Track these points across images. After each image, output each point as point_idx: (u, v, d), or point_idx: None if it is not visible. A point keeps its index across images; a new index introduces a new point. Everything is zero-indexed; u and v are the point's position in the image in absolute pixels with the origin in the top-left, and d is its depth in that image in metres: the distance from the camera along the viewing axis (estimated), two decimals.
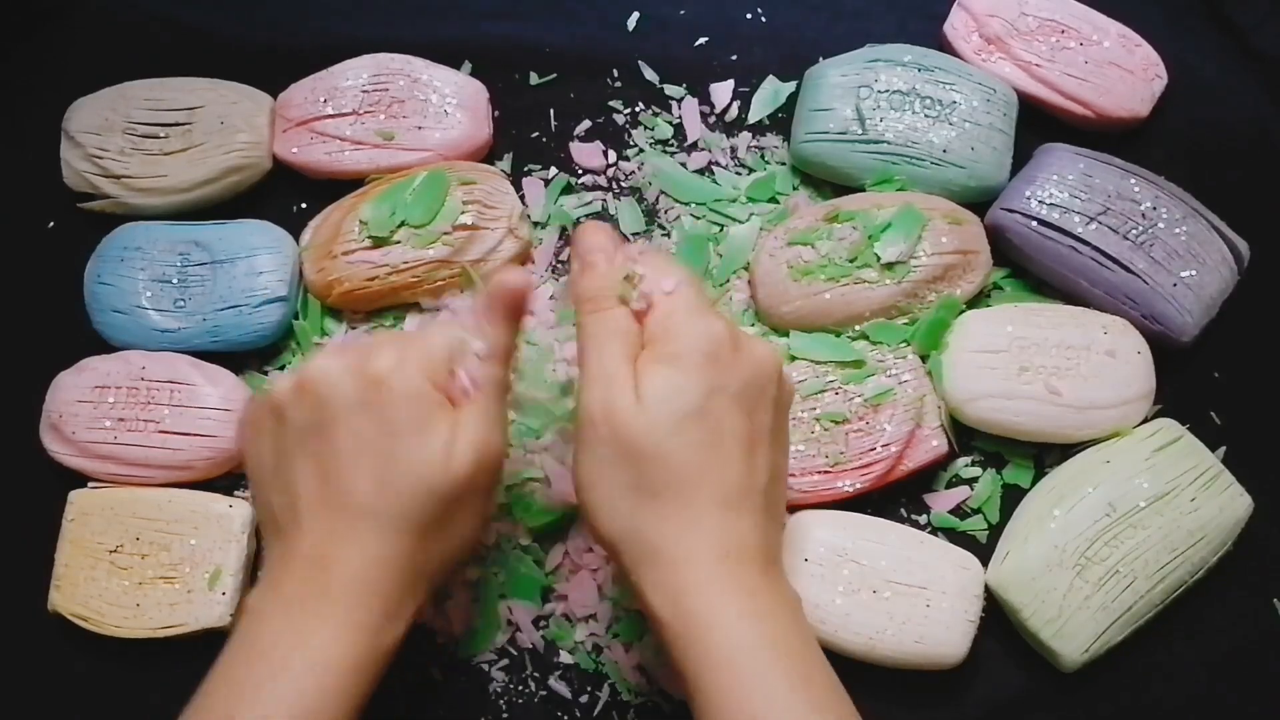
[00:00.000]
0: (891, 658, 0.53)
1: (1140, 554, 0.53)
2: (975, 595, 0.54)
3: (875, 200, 0.60)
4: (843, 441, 0.56)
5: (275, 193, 0.65)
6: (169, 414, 0.58)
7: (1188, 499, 0.54)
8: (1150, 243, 0.58)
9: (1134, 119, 0.63)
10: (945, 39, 0.65)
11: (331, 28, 0.68)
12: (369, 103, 0.63)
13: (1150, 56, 0.64)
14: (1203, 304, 0.58)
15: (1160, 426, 0.57)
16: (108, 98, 0.64)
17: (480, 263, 0.59)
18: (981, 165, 0.61)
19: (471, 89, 0.64)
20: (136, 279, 0.60)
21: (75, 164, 0.63)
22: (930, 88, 0.61)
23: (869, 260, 0.58)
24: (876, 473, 0.56)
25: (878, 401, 0.56)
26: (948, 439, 0.57)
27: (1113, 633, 0.53)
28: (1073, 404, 0.56)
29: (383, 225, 0.59)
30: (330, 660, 0.42)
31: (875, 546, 0.54)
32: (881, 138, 0.61)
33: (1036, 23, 0.64)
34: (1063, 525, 0.54)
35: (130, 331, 0.60)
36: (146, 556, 0.56)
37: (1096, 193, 0.59)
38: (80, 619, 0.56)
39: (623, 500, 0.43)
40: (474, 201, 0.60)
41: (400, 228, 0.59)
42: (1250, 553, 0.56)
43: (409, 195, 0.59)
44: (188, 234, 0.61)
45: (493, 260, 0.60)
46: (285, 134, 0.63)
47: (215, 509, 0.57)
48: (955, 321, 0.59)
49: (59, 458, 0.59)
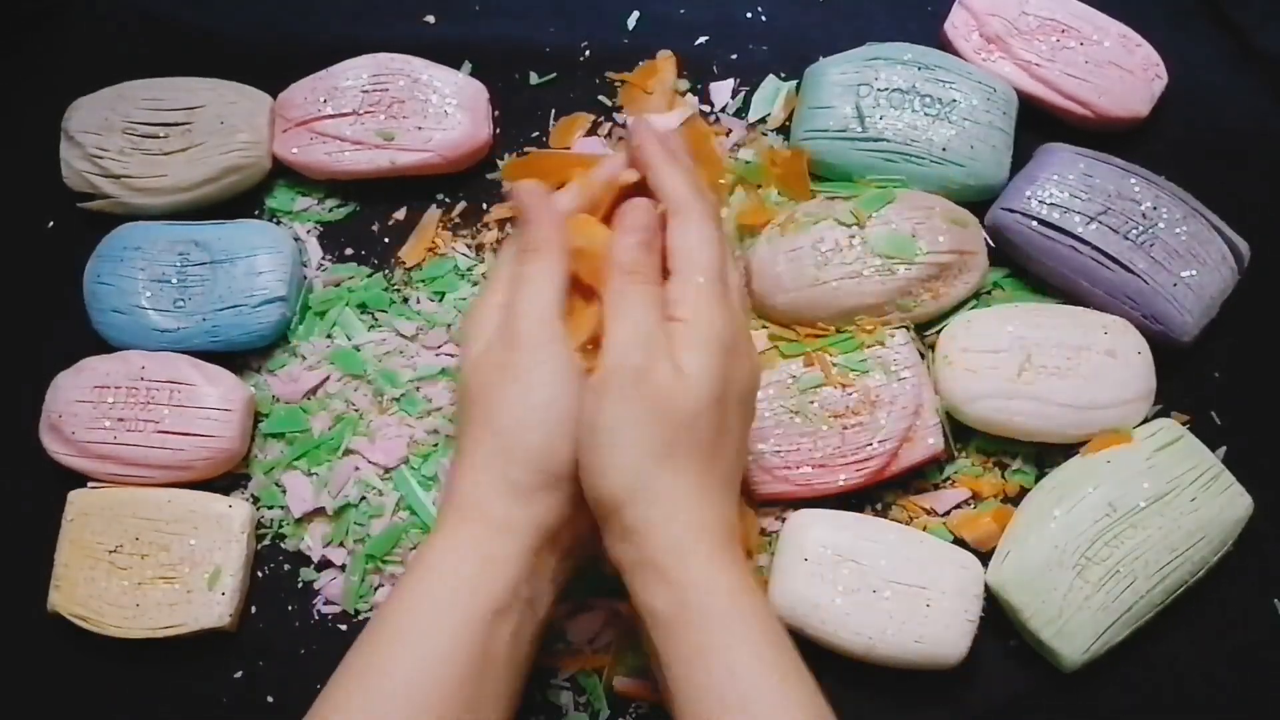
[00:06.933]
0: (891, 658, 0.53)
1: (1141, 554, 0.53)
2: (975, 595, 0.54)
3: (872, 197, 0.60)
4: (839, 436, 0.56)
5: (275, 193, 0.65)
6: (168, 414, 0.58)
7: (1188, 499, 0.54)
8: (1150, 243, 0.58)
9: (1134, 119, 0.63)
10: (945, 37, 0.65)
11: (331, 28, 0.68)
12: (369, 103, 0.63)
13: (1150, 56, 0.64)
14: (1203, 304, 0.58)
15: (1160, 426, 0.57)
16: (107, 98, 0.64)
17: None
18: (981, 164, 0.61)
19: (471, 89, 0.64)
20: (136, 279, 0.60)
21: (75, 164, 0.63)
22: (930, 86, 0.61)
23: (864, 255, 0.58)
24: (872, 468, 0.56)
25: (875, 396, 0.56)
26: (945, 437, 0.57)
27: (1113, 633, 0.53)
28: (1073, 404, 0.56)
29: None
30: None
31: (875, 546, 0.54)
32: (881, 136, 0.61)
33: (1037, 22, 0.64)
34: (1063, 525, 0.54)
35: (130, 331, 0.60)
36: (146, 556, 0.56)
37: (1097, 192, 0.59)
38: (80, 619, 0.56)
39: (645, 458, 0.43)
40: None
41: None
42: (1250, 553, 0.56)
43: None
44: (187, 234, 0.61)
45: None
46: (285, 134, 0.63)
47: (215, 509, 0.57)
48: (955, 321, 0.59)
49: (58, 458, 0.59)
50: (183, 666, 0.57)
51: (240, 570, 0.56)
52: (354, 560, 0.58)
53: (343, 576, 0.58)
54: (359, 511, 0.58)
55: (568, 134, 0.65)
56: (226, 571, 0.56)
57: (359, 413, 0.60)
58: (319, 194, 0.65)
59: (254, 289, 0.60)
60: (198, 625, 0.55)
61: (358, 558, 0.58)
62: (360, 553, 0.58)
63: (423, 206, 0.64)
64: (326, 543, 0.58)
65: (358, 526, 0.58)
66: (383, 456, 0.59)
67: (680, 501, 0.44)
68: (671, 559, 0.43)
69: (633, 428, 0.43)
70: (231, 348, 0.60)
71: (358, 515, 0.58)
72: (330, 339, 0.62)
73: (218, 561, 0.56)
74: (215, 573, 0.56)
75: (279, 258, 0.60)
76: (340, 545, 0.58)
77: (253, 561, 0.58)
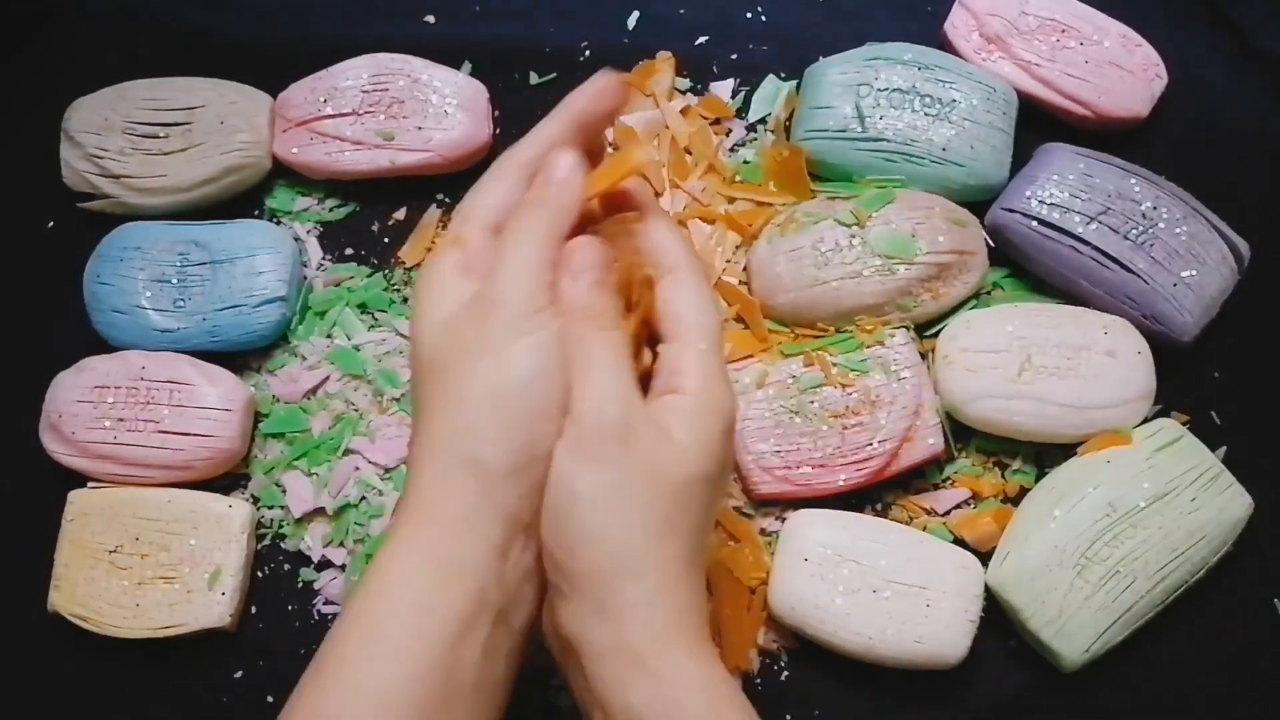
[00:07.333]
0: (891, 658, 0.53)
1: (1141, 554, 0.53)
2: (975, 595, 0.54)
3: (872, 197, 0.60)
4: (839, 436, 0.56)
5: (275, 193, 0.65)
6: (168, 414, 0.58)
7: (1188, 499, 0.54)
8: (1150, 242, 0.58)
9: (1134, 119, 0.63)
10: (945, 37, 0.65)
11: (331, 28, 0.68)
12: (369, 103, 0.63)
13: (1150, 56, 0.64)
14: (1203, 304, 0.58)
15: (1160, 426, 0.57)
16: (107, 98, 0.64)
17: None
18: (981, 164, 0.61)
19: (471, 89, 0.64)
20: (136, 279, 0.60)
21: (75, 164, 0.63)
22: (930, 86, 0.61)
23: (864, 255, 0.58)
24: (872, 468, 0.56)
25: (875, 396, 0.56)
26: (945, 437, 0.57)
27: (1113, 633, 0.53)
28: (1073, 404, 0.56)
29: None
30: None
31: (875, 546, 0.54)
32: (881, 136, 0.61)
33: (1037, 22, 0.64)
34: (1063, 525, 0.54)
35: (130, 331, 0.60)
36: (146, 556, 0.56)
37: (1097, 192, 0.59)
38: (80, 619, 0.56)
39: (636, 531, 0.38)
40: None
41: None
42: (1250, 553, 0.56)
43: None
44: (187, 234, 0.61)
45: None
46: (285, 134, 0.63)
47: (215, 509, 0.57)
48: (955, 321, 0.59)
49: (58, 458, 0.59)
50: (183, 666, 0.57)
51: (240, 570, 0.56)
52: (354, 560, 0.58)
53: (343, 577, 0.58)
54: (359, 511, 0.58)
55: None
56: (226, 572, 0.56)
57: (359, 413, 0.60)
58: (319, 194, 0.65)
59: (254, 289, 0.60)
60: (198, 625, 0.55)
61: (358, 558, 0.58)
62: (360, 553, 0.58)
63: (423, 206, 0.64)
64: (326, 543, 0.58)
65: (358, 526, 0.58)
66: (383, 456, 0.59)
67: (670, 583, 0.39)
68: (656, 647, 0.38)
69: (622, 495, 0.38)
70: (231, 348, 0.60)
71: (358, 515, 0.58)
72: (330, 339, 0.62)
73: (218, 561, 0.56)
74: (215, 573, 0.56)
75: (279, 258, 0.60)
76: (340, 545, 0.58)
77: (253, 561, 0.58)
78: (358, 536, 0.58)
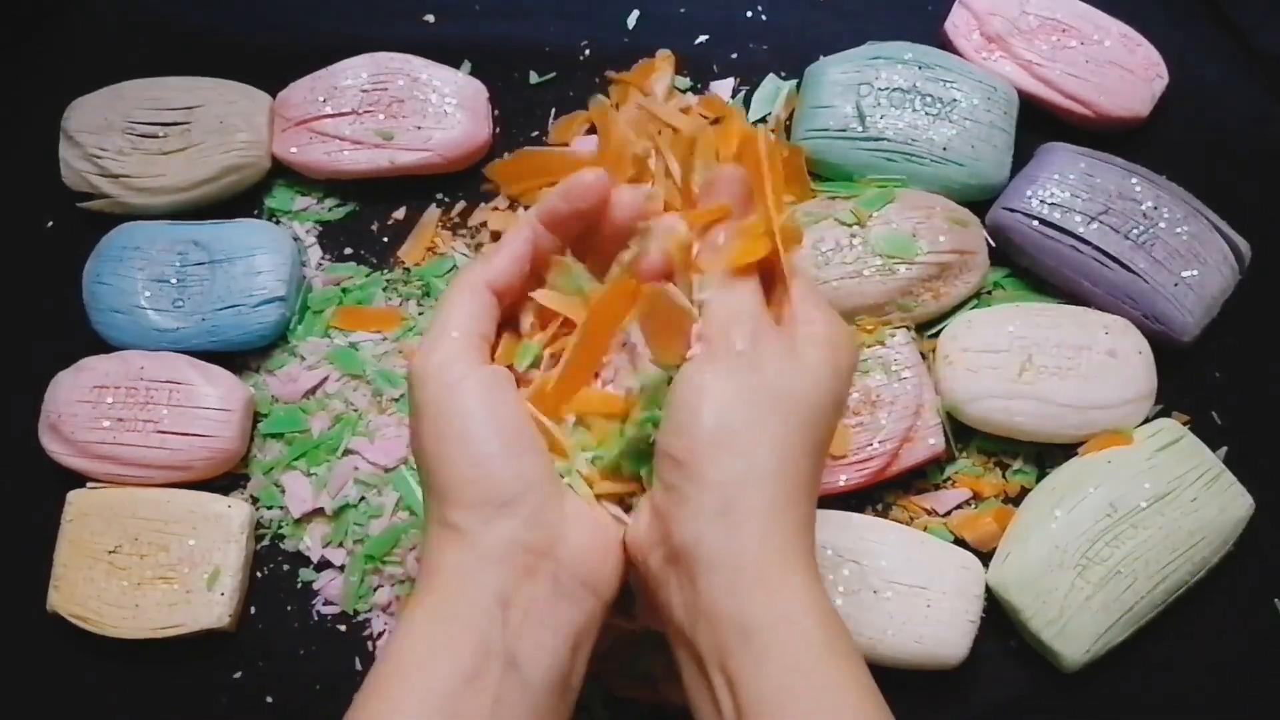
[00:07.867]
0: (892, 658, 0.53)
1: (1141, 554, 0.53)
2: (976, 595, 0.54)
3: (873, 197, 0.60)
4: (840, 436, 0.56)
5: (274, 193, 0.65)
6: (168, 414, 0.58)
7: (1189, 499, 0.54)
8: (1151, 242, 0.58)
9: (1134, 119, 0.63)
10: (946, 37, 0.65)
11: (331, 27, 0.68)
12: (368, 102, 0.63)
13: (1151, 56, 0.64)
14: (1204, 304, 0.58)
15: (1161, 426, 0.57)
16: (106, 98, 0.64)
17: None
18: (981, 163, 0.61)
19: (471, 89, 0.64)
20: (135, 279, 0.60)
21: (74, 163, 0.63)
22: (931, 85, 0.61)
23: (865, 255, 0.58)
24: (873, 468, 0.56)
25: (876, 396, 0.56)
26: (945, 437, 0.57)
27: (1114, 633, 0.53)
28: (1073, 404, 0.56)
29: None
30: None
31: (875, 546, 0.54)
32: (881, 135, 0.61)
33: (1038, 21, 0.64)
34: (1064, 525, 0.54)
35: (129, 331, 0.60)
36: (145, 557, 0.56)
37: (1098, 192, 0.59)
38: (79, 619, 0.56)
39: (777, 445, 0.39)
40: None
41: None
42: (1251, 553, 0.56)
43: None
44: (186, 233, 0.61)
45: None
46: (284, 133, 0.63)
47: (214, 509, 0.57)
48: (956, 321, 0.59)
49: (58, 458, 0.59)
50: (183, 666, 0.57)
51: (239, 570, 0.56)
52: (353, 561, 0.58)
53: (342, 577, 0.58)
54: (358, 512, 0.58)
55: (567, 133, 0.65)
56: (226, 572, 0.56)
57: (358, 413, 0.60)
58: (318, 194, 0.65)
59: (253, 289, 0.60)
60: (197, 625, 0.55)
61: (357, 558, 0.58)
62: (359, 553, 0.58)
63: (422, 206, 0.64)
64: (326, 543, 0.58)
65: (357, 527, 0.58)
66: (382, 456, 0.59)
67: (791, 499, 0.39)
68: (775, 559, 0.38)
69: (752, 403, 0.39)
70: (231, 348, 0.60)
71: (357, 515, 0.58)
72: (329, 339, 0.62)
73: (217, 562, 0.56)
74: (214, 573, 0.55)
75: (278, 257, 0.60)
76: (340, 546, 0.58)
77: (252, 562, 0.58)
78: (357, 537, 0.58)
